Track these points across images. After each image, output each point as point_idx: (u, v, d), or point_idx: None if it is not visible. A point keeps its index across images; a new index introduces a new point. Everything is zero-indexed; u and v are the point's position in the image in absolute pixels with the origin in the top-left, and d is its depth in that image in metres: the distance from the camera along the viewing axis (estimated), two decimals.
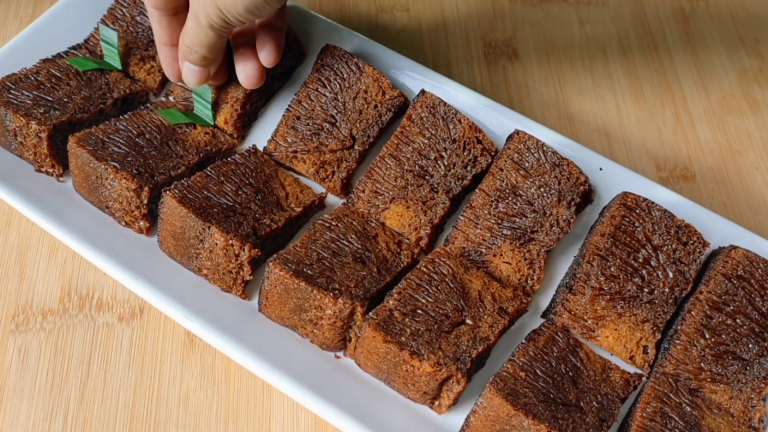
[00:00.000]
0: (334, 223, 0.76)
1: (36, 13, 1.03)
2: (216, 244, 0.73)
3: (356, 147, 0.83)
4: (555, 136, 0.83)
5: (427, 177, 0.80)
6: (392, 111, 0.84)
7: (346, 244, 0.75)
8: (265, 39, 0.81)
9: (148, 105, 0.86)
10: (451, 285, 0.72)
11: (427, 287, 0.72)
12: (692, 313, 0.71)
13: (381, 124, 0.84)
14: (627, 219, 0.75)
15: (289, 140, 0.83)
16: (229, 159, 0.80)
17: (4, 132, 0.80)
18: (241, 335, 0.71)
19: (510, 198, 0.78)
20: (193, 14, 0.74)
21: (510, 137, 0.80)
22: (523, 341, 0.70)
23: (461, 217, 0.78)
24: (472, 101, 0.86)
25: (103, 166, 0.76)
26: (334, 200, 0.83)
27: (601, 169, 0.82)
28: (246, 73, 0.82)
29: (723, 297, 0.71)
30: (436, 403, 0.70)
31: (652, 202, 0.75)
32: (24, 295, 0.82)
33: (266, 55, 0.81)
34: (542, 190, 0.78)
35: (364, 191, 0.80)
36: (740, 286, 0.72)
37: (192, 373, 0.77)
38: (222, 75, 0.84)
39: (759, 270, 0.72)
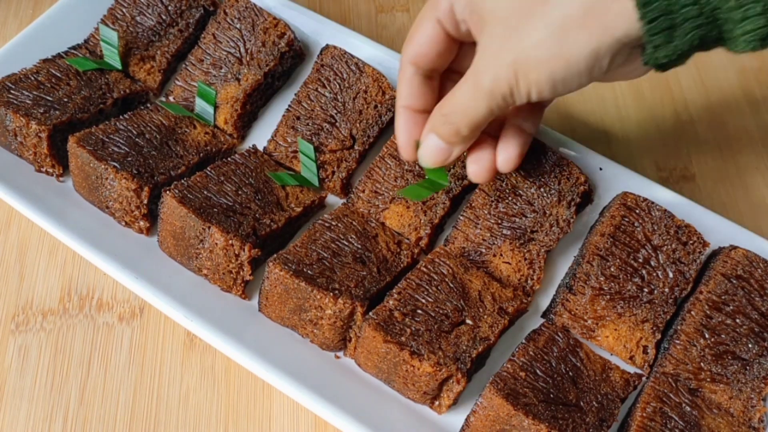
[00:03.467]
0: (334, 223, 0.76)
1: (36, 13, 1.03)
2: (216, 244, 0.73)
3: (356, 147, 0.83)
4: (555, 136, 0.83)
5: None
6: (392, 111, 0.84)
7: (346, 244, 0.75)
8: (511, 139, 0.70)
9: (148, 105, 0.86)
10: (451, 285, 0.72)
11: (427, 287, 0.72)
12: (692, 313, 0.71)
13: (381, 124, 0.84)
14: (627, 219, 0.75)
15: (289, 140, 0.83)
16: (229, 159, 0.80)
17: (4, 132, 0.80)
18: (241, 335, 0.71)
19: (510, 198, 0.78)
20: (473, 75, 0.61)
21: None
22: (523, 341, 0.70)
23: (461, 217, 0.78)
24: None
25: (103, 166, 0.76)
26: (334, 200, 0.83)
27: (601, 169, 0.82)
28: (478, 165, 0.71)
29: (723, 297, 0.71)
30: (436, 403, 0.70)
31: (652, 202, 0.75)
32: (24, 295, 0.82)
33: (506, 159, 0.70)
34: (542, 190, 0.78)
35: (364, 191, 0.80)
36: (740, 286, 0.72)
37: (192, 373, 0.77)
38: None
39: (759, 270, 0.72)
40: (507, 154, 0.70)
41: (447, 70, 0.71)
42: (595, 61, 0.56)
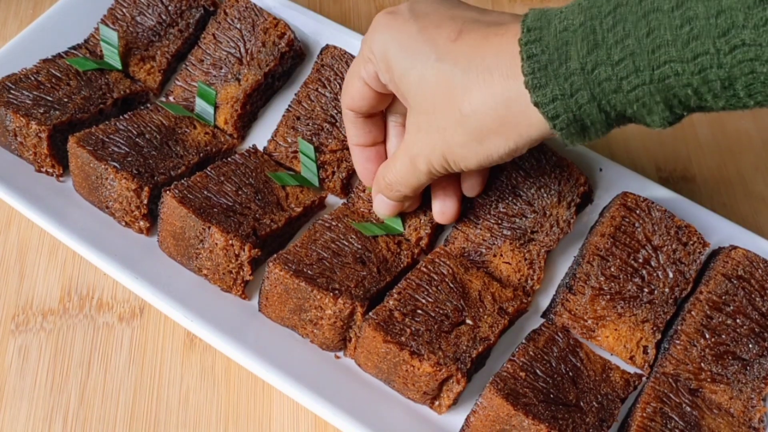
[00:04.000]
0: (334, 223, 0.76)
1: (36, 13, 1.03)
2: (216, 244, 0.73)
3: None
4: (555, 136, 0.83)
5: None
6: None
7: (347, 244, 0.75)
8: (472, 170, 0.73)
9: (148, 105, 0.86)
10: (451, 285, 0.72)
11: (427, 287, 0.72)
12: (692, 313, 0.71)
13: None
14: (627, 219, 0.75)
15: (289, 140, 0.84)
16: (229, 159, 0.80)
17: (4, 132, 0.80)
18: (241, 335, 0.71)
19: (510, 198, 0.78)
20: (408, 156, 0.67)
21: None
22: (523, 341, 0.70)
23: (461, 218, 0.78)
24: None
25: (103, 166, 0.76)
26: (334, 200, 0.83)
27: (601, 169, 0.82)
28: (444, 209, 0.76)
29: (723, 297, 0.71)
30: (436, 403, 0.70)
31: (652, 202, 0.75)
32: (24, 295, 0.81)
33: (471, 187, 0.75)
34: (542, 190, 0.78)
35: (364, 191, 0.80)
36: (740, 286, 0.72)
37: (192, 373, 0.77)
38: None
39: (759, 270, 0.73)
40: (471, 181, 0.76)
41: (389, 107, 0.74)
42: (515, 152, 0.61)
